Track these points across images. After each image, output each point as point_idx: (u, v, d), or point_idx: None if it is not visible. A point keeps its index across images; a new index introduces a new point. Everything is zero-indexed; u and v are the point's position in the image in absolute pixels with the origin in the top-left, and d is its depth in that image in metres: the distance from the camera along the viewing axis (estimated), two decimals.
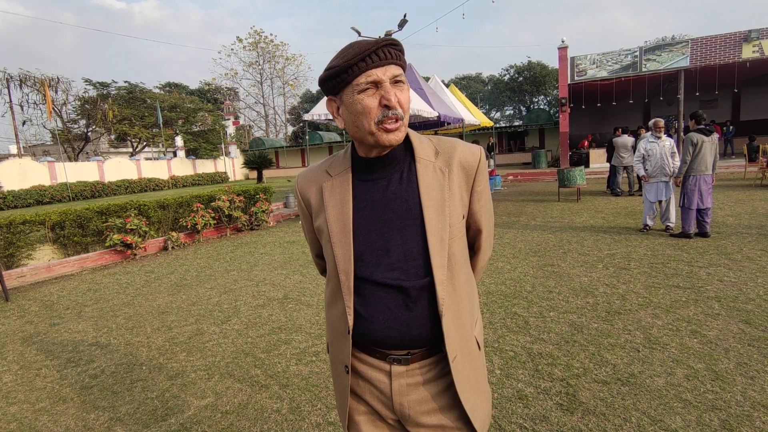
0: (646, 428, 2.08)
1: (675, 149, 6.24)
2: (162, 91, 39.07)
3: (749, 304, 3.45)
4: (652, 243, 5.65)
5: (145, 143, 34.48)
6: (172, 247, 7.80)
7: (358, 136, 0.99)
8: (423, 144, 1.04)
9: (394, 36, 21.24)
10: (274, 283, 5.07)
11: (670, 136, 7.16)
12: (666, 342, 2.92)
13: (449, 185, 1.01)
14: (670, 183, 6.19)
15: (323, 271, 1.26)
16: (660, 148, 6.22)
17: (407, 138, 1.05)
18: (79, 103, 30.72)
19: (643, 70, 16.98)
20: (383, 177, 1.02)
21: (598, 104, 19.02)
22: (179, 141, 35.85)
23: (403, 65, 0.96)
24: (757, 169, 11.17)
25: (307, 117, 9.68)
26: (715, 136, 5.78)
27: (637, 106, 22.14)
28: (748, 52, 15.26)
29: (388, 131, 0.94)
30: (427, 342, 1.00)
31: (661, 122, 6.42)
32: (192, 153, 36.75)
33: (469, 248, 1.15)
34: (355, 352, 1.07)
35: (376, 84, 0.92)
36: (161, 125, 28.92)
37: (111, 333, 3.89)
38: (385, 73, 0.92)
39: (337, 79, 0.95)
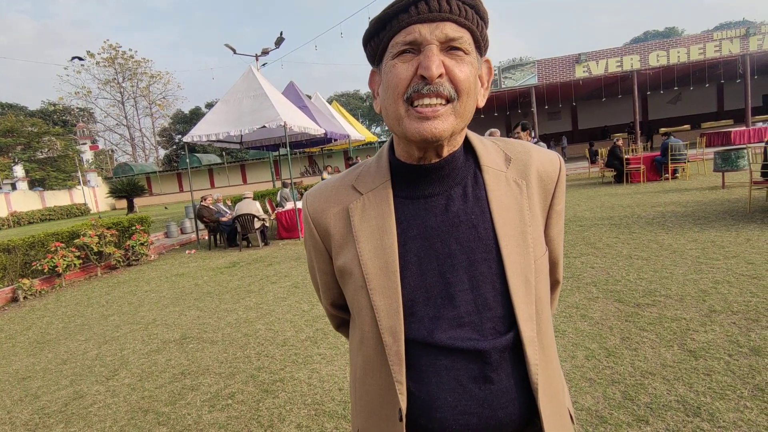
0: None
1: None
2: None
3: (617, 285, 4.01)
4: None
5: None
6: (24, 297, 6.54)
7: (390, 125, 0.71)
8: (488, 148, 0.76)
9: (271, 53, 20.72)
10: (168, 323, 4.52)
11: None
12: (564, 329, 3.25)
13: (530, 204, 0.73)
14: None
15: (340, 326, 0.94)
16: None
17: (467, 140, 0.76)
18: None
19: (503, 86, 19.13)
20: (440, 193, 0.72)
21: None
22: (19, 171, 30.65)
23: (470, 27, 0.66)
24: (598, 170, 13.24)
25: (186, 139, 8.97)
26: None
27: (500, 118, 24.82)
28: (579, 72, 18.12)
29: (420, 117, 0.64)
30: (518, 424, 0.71)
31: (497, 132, 7.24)
32: (38, 184, 31.65)
33: None
34: None
35: (417, 46, 0.65)
36: None
37: None
38: (433, 31, 0.63)
39: (376, 38, 0.70)
